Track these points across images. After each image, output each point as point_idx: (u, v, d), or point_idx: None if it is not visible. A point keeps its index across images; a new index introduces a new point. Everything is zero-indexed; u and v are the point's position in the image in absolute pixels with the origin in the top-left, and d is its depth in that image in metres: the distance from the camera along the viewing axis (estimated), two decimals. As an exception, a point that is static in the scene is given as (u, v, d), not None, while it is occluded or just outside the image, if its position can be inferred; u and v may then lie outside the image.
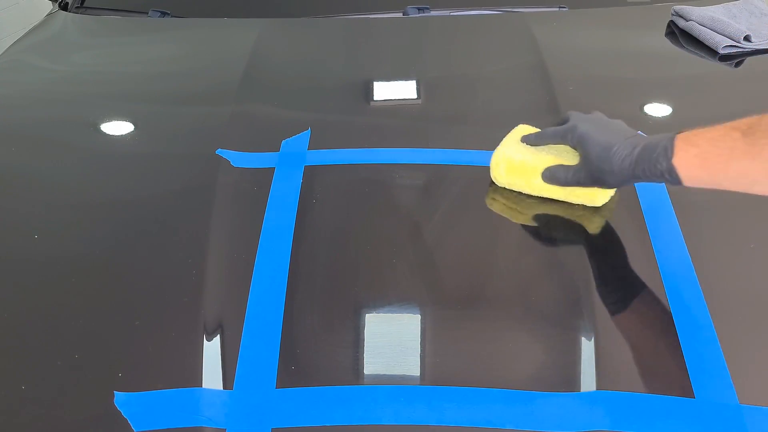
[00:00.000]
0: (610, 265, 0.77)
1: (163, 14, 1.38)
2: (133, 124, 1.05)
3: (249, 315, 0.70)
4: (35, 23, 1.48)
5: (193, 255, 0.77)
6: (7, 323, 0.72)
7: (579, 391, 0.62)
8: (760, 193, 0.67)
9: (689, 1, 1.31)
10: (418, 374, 0.65)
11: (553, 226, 0.82)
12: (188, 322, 0.70)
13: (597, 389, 0.62)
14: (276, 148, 0.94)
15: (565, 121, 0.83)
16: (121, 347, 0.68)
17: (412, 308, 0.72)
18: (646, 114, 1.02)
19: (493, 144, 0.92)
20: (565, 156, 0.82)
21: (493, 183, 0.87)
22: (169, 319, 0.71)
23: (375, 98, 1.09)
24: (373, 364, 0.66)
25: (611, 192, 0.82)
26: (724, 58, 1.16)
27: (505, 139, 0.87)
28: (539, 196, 0.84)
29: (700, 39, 1.19)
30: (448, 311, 0.72)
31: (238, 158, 0.92)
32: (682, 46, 1.21)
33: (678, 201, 0.82)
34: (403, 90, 1.11)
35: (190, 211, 0.86)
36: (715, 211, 0.84)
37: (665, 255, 0.75)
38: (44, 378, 0.65)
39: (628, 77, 1.13)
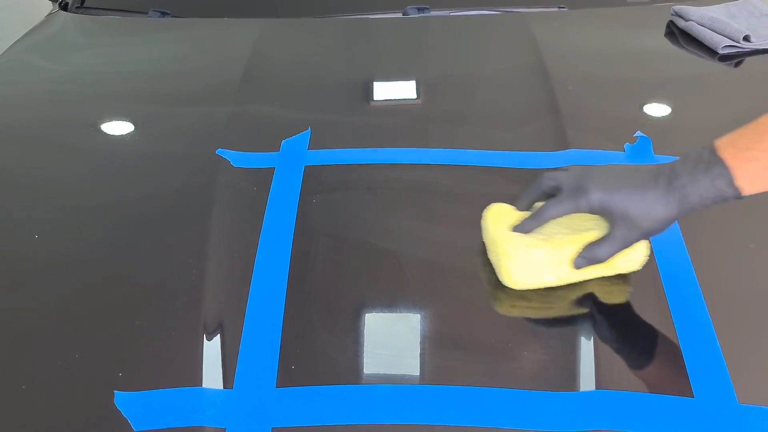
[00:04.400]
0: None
1: (163, 14, 1.38)
2: (134, 124, 1.05)
3: (249, 314, 0.70)
4: (35, 23, 1.48)
5: (193, 255, 0.77)
6: (7, 323, 0.72)
7: (578, 390, 0.62)
8: None
9: (689, 1, 1.31)
10: (418, 374, 0.65)
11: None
12: (188, 321, 0.70)
13: (596, 388, 0.62)
14: (276, 148, 0.94)
15: (553, 187, 0.71)
16: (121, 347, 0.68)
17: (412, 308, 0.72)
18: (645, 114, 1.02)
19: (492, 144, 0.92)
20: (584, 229, 0.70)
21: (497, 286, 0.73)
22: (169, 319, 0.71)
23: (375, 98, 1.09)
24: (372, 364, 0.66)
25: (647, 243, 0.72)
26: (724, 58, 1.16)
27: (494, 235, 0.72)
28: (570, 283, 0.71)
29: (700, 39, 1.19)
30: (448, 311, 0.72)
31: (238, 158, 0.92)
32: (681, 46, 1.21)
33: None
34: (403, 90, 1.11)
35: (190, 211, 0.86)
36: (714, 210, 0.84)
37: (664, 254, 0.75)
38: (44, 378, 0.65)
39: (627, 77, 1.13)
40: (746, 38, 1.16)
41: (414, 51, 1.24)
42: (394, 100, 1.08)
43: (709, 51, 1.17)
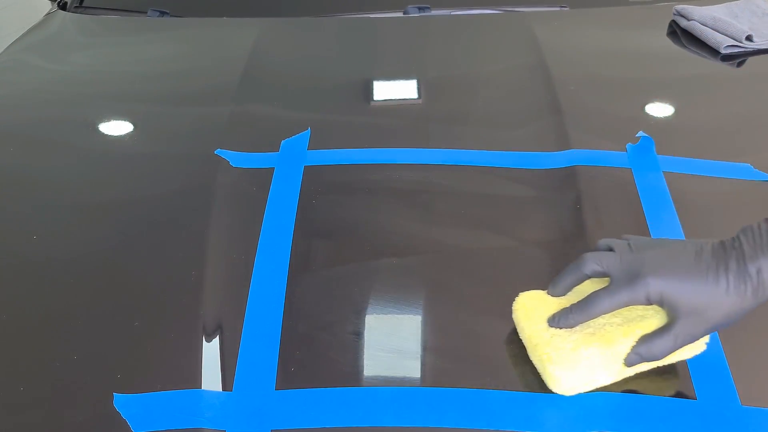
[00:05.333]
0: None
1: (162, 14, 1.38)
2: (133, 124, 1.05)
3: (248, 316, 0.69)
4: (34, 23, 1.48)
5: (192, 255, 0.77)
6: (6, 323, 0.72)
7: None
8: None
9: (691, 0, 1.31)
10: (418, 375, 0.65)
11: (554, 228, 0.82)
12: (188, 322, 0.69)
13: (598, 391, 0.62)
14: (276, 148, 0.94)
15: (599, 271, 0.62)
16: (120, 348, 0.68)
17: (412, 309, 0.72)
18: (648, 114, 1.02)
19: (494, 144, 0.91)
20: (632, 312, 0.62)
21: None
22: (168, 320, 0.71)
23: (375, 98, 1.09)
24: (372, 366, 0.66)
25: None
26: (726, 58, 1.16)
27: (530, 334, 0.63)
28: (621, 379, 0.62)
29: (702, 39, 1.19)
30: (448, 312, 0.71)
31: (237, 158, 0.92)
32: (683, 46, 1.21)
33: (679, 200, 0.82)
34: (404, 90, 1.11)
35: (190, 211, 0.85)
36: (716, 210, 0.84)
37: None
38: (43, 379, 0.65)
39: (629, 77, 1.13)
40: (749, 38, 1.16)
41: (415, 51, 1.23)
42: (395, 100, 1.08)
43: (712, 51, 1.17)
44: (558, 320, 0.62)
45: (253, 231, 0.79)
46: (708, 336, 0.62)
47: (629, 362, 0.60)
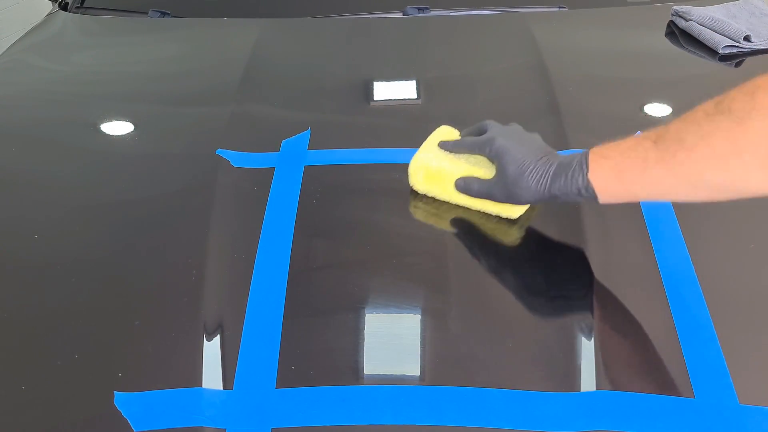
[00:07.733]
0: (609, 265, 0.77)
1: (163, 14, 1.38)
2: (133, 124, 1.05)
3: (249, 315, 0.70)
4: (35, 23, 1.48)
5: (193, 255, 0.77)
6: (7, 323, 0.72)
7: (578, 391, 0.62)
8: (675, 201, 0.72)
9: (689, 1, 1.31)
10: (418, 374, 0.65)
11: (554, 227, 0.82)
12: (188, 322, 0.70)
13: (596, 389, 0.62)
14: (276, 148, 0.94)
15: (483, 130, 0.83)
16: (121, 347, 0.68)
17: (412, 308, 0.72)
18: (645, 114, 1.02)
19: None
20: (482, 167, 0.82)
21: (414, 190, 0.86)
22: (169, 319, 0.71)
23: (375, 98, 1.09)
24: (373, 364, 0.66)
25: (526, 205, 0.81)
26: (724, 58, 1.16)
27: (424, 144, 0.87)
28: (455, 204, 0.83)
29: (700, 39, 1.19)
30: (448, 311, 0.72)
31: (238, 158, 0.92)
32: (681, 46, 1.21)
33: (678, 201, 0.82)
34: (403, 90, 1.11)
35: (190, 211, 0.86)
36: (715, 210, 0.84)
37: (665, 254, 0.75)
38: (44, 378, 0.65)
39: (627, 77, 1.13)
40: (747, 38, 1.16)
41: (414, 51, 1.24)
42: (394, 100, 1.08)
43: (710, 51, 1.17)
44: (443, 143, 0.86)
45: (254, 230, 0.80)
46: (522, 210, 0.80)
47: (457, 186, 0.82)
